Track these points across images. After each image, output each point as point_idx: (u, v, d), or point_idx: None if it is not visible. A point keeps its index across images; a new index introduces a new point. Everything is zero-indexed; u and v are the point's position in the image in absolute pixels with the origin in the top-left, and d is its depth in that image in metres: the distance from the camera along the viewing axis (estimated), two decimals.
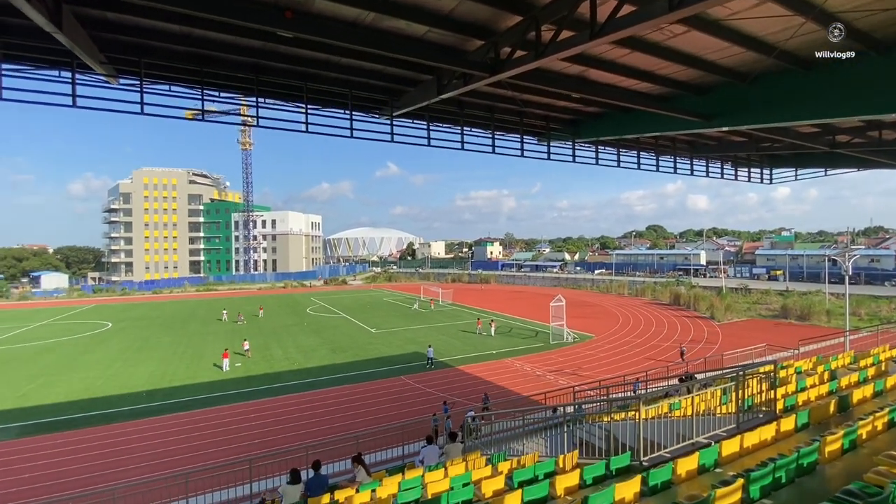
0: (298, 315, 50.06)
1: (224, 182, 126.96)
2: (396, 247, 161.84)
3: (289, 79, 11.89)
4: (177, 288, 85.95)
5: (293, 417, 19.14)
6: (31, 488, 13.40)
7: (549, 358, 28.64)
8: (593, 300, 59.13)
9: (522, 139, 17.32)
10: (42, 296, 76.29)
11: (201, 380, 24.91)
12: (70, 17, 7.66)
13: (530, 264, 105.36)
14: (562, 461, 8.22)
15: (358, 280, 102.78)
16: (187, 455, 15.49)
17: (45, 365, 28.69)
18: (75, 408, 20.57)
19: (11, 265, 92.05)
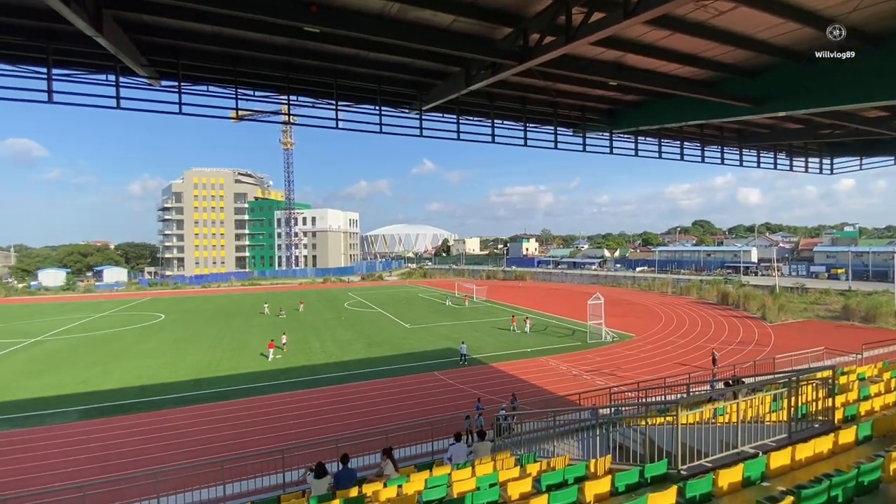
0: (336, 309, 51.28)
1: (267, 181, 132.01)
2: (431, 243, 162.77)
3: (319, 75, 12.01)
4: (224, 282, 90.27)
5: (328, 409, 19.55)
6: (84, 469, 14.36)
7: (585, 357, 27.83)
8: (634, 298, 57.04)
9: (556, 131, 16.77)
10: (104, 289, 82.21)
11: (243, 370, 25.94)
12: (111, 22, 8.02)
13: (568, 261, 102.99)
14: (593, 465, 7.85)
15: (394, 276, 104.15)
16: (227, 442, 16.13)
17: (104, 353, 30.82)
18: (129, 394, 21.93)
19: (78, 260, 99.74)
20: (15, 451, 15.83)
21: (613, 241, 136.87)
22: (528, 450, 11.58)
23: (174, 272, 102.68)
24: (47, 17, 7.93)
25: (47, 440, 16.73)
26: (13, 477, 13.90)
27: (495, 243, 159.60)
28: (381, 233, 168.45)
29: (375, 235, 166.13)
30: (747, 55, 11.02)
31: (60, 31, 9.12)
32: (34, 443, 16.52)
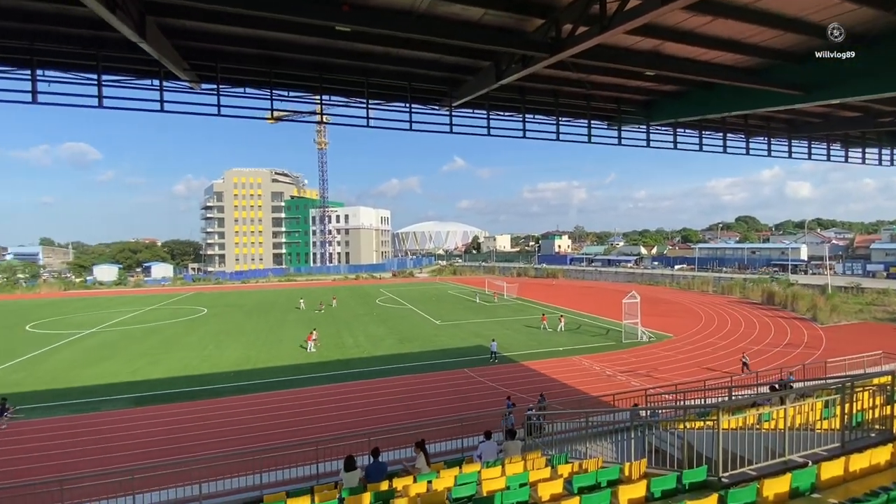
0: (368, 305, 52.14)
1: (303, 180, 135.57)
2: (462, 240, 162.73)
3: (350, 74, 12.17)
4: (262, 278, 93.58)
5: (360, 403, 19.90)
6: (133, 453, 15.23)
7: (620, 357, 27.09)
8: (672, 297, 55.06)
9: (590, 124, 16.33)
10: (152, 283, 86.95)
11: (280, 363, 26.80)
12: (154, 28, 8.40)
13: (602, 258, 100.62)
14: (628, 469, 7.61)
15: (424, 273, 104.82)
16: (264, 432, 16.70)
17: (152, 344, 32.59)
18: (175, 384, 23.09)
19: (128, 256, 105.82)
20: (71, 436, 16.97)
21: (650, 238, 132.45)
22: (560, 450, 11.38)
23: (216, 268, 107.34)
24: (96, 25, 8.40)
25: (100, 425, 17.85)
26: (69, 459, 14.92)
27: (527, 240, 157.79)
28: (411, 230, 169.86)
29: (406, 233, 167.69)
30: (797, 39, 10.34)
31: (108, 39, 9.64)
32: (89, 427, 17.67)
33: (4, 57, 10.70)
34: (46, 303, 60.75)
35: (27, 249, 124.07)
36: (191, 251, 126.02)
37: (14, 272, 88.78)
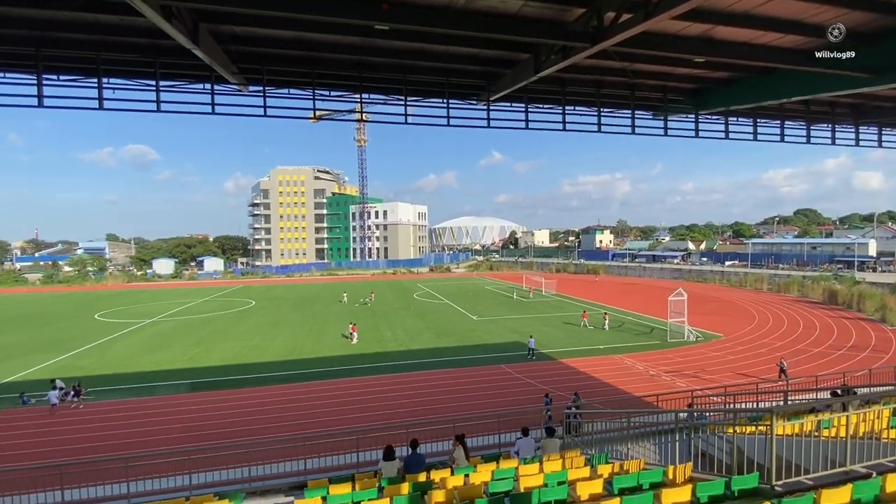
0: (406, 300, 52.91)
1: (343, 177, 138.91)
2: (499, 235, 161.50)
3: (388, 72, 12.34)
4: (305, 272, 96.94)
5: (398, 395, 20.29)
6: (189, 435, 16.27)
7: (665, 357, 26.09)
8: (722, 295, 52.34)
9: (634, 115, 15.74)
10: (204, 277, 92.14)
11: (323, 354, 27.75)
12: (206, 35, 8.86)
13: (646, 254, 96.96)
14: (672, 472, 7.36)
15: (461, 268, 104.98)
16: (308, 420, 17.39)
17: (206, 334, 34.60)
18: (226, 371, 24.44)
19: (183, 251, 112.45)
20: (134, 417, 18.36)
21: (699, 233, 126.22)
22: (600, 450, 11.15)
23: (263, 262, 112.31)
24: (154, 34, 8.97)
25: (159, 408, 19.19)
26: (131, 439, 16.15)
27: (566, 235, 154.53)
28: (448, 225, 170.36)
29: (443, 228, 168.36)
30: (866, 17, 9.51)
31: (165, 47, 10.26)
32: (149, 410, 19.03)
33: (75, 67, 11.65)
34: (112, 294, 65.83)
35: (95, 244, 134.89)
36: (240, 246, 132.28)
37: (84, 265, 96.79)
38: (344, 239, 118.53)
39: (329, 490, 8.47)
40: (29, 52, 11.09)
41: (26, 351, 29.68)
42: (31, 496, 10.39)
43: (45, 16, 9.48)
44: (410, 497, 7.33)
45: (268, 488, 10.84)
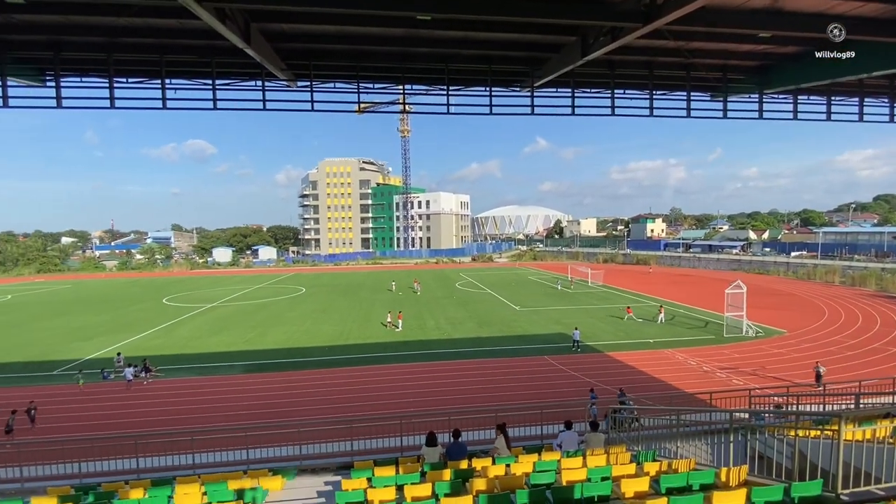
0: (448, 289, 53.31)
1: (387, 168, 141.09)
2: (543, 224, 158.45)
3: (431, 62, 12.31)
4: (351, 261, 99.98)
5: (440, 383, 20.61)
6: (245, 413, 17.38)
7: (720, 353, 24.74)
8: (787, 288, 48.75)
9: (689, 96, 14.82)
10: (259, 265, 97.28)
11: (368, 340, 28.63)
12: (257, 34, 9.22)
13: (701, 244, 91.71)
14: (725, 474, 7.01)
15: (503, 258, 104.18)
16: (354, 403, 18.06)
17: (261, 318, 36.63)
18: (279, 354, 25.81)
19: (239, 240, 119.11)
20: (196, 394, 19.83)
21: (762, 221, 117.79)
22: (647, 447, 10.81)
23: (312, 251, 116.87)
24: (209, 35, 9.45)
25: (219, 387, 20.60)
26: (193, 414, 17.47)
27: (614, 224, 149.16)
28: (491, 214, 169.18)
29: (486, 217, 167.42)
30: None
31: (220, 47, 10.79)
32: (210, 388, 20.49)
33: (141, 70, 12.53)
34: (177, 280, 71.02)
35: (162, 234, 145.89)
36: (291, 235, 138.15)
37: (153, 254, 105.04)
38: (388, 228, 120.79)
39: (374, 472, 8.78)
40: (101, 57, 12.04)
41: (106, 331, 32.75)
42: (111, 462, 11.55)
43: (115, 23, 10.24)
44: (452, 483, 7.46)
45: (317, 466, 11.40)
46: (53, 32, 10.93)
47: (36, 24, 10.71)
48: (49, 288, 63.25)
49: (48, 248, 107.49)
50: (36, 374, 22.86)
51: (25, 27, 10.89)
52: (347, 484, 7.99)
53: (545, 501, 6.61)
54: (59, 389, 20.44)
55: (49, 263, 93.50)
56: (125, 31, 10.46)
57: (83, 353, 26.65)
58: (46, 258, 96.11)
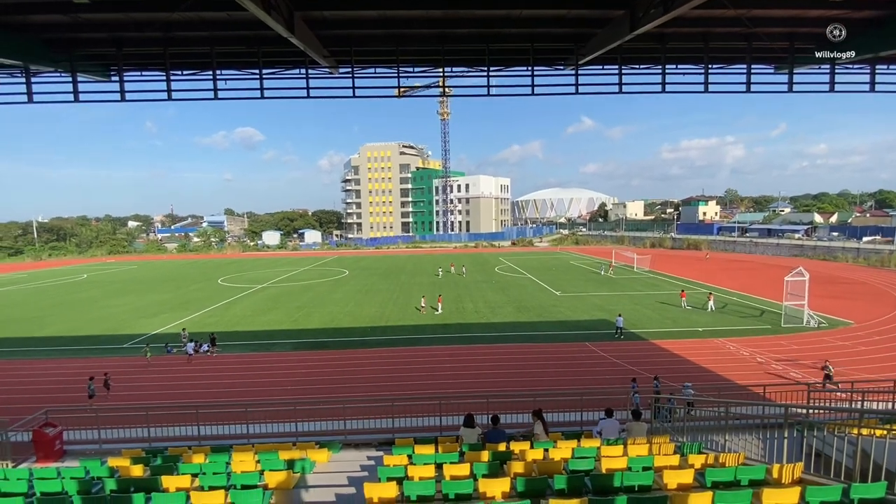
0: (487, 273, 53.23)
1: (426, 151, 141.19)
2: (586, 208, 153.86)
3: (471, 43, 12.08)
4: (392, 244, 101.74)
5: (479, 366, 20.79)
6: (294, 388, 18.34)
7: (777, 344, 23.37)
8: (856, 276, 45.02)
9: (750, 69, 13.73)
10: (305, 248, 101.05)
11: (408, 322, 29.26)
12: (300, 23, 9.39)
13: (759, 228, 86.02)
14: (777, 471, 6.70)
15: (544, 242, 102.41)
16: (395, 383, 18.61)
17: (306, 299, 38.22)
18: (324, 334, 26.91)
19: (286, 224, 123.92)
20: (249, 369, 21.10)
21: (829, 203, 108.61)
22: (692, 438, 10.49)
23: (354, 235, 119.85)
24: (256, 26, 9.73)
25: (270, 363, 21.81)
26: (249, 388, 18.62)
27: (663, 207, 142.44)
28: (531, 198, 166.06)
29: (526, 200, 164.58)
30: None
31: (265, 37, 11.10)
32: (262, 364, 21.73)
33: (194, 62, 13.13)
34: (230, 262, 75.17)
35: (216, 218, 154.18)
36: (334, 219, 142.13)
37: (209, 237, 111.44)
38: (427, 212, 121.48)
39: (414, 449, 9.07)
40: (158, 51, 12.71)
41: (169, 308, 35.35)
42: (175, 429, 12.60)
43: (169, 18, 10.76)
44: (490, 465, 7.57)
45: (360, 441, 11.91)
46: (115, 29, 11.64)
47: (100, 21, 11.44)
48: (118, 268, 68.82)
49: (117, 232, 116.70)
50: (109, 347, 25.13)
51: (91, 25, 11.65)
52: (389, 460, 8.31)
53: (584, 488, 6.60)
54: (129, 361, 22.38)
55: (118, 246, 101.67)
56: (179, 26, 10.98)
57: (149, 328, 28.96)
58: (116, 241, 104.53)
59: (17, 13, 10.79)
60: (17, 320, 32.34)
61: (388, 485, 6.50)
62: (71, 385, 18.35)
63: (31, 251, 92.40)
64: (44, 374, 20.87)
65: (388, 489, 6.44)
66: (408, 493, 6.49)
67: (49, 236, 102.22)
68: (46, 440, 10.83)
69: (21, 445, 10.99)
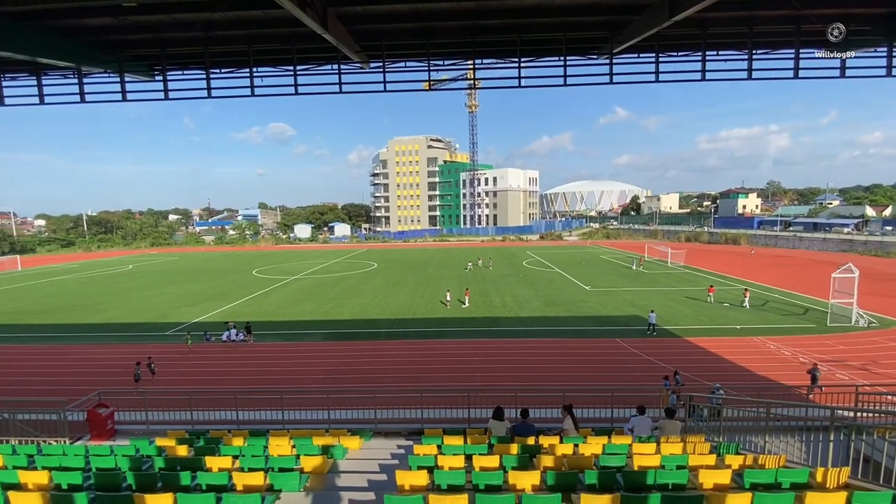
0: (515, 267, 52.86)
1: (454, 145, 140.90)
2: (618, 201, 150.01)
3: (502, 34, 11.95)
4: (419, 238, 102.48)
5: (506, 359, 20.74)
6: (326, 377, 18.84)
7: (822, 343, 22.24)
8: None
9: (798, 54, 13.00)
10: (335, 240, 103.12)
11: (435, 315, 29.47)
12: (333, 19, 9.53)
13: (804, 221, 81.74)
14: (821, 475, 6.44)
15: (573, 236, 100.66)
16: (424, 374, 18.83)
17: (337, 291, 39.07)
18: (354, 325, 27.48)
19: (317, 217, 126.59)
20: (283, 357, 21.82)
21: (883, 195, 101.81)
22: (729, 439, 10.18)
23: (382, 228, 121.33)
24: (290, 23, 9.95)
25: (302, 352, 22.48)
26: (280, 375, 19.27)
27: (699, 200, 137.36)
28: (561, 190, 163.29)
29: (555, 193, 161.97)
30: None
31: (300, 34, 11.34)
32: (295, 353, 22.43)
33: (232, 60, 13.56)
34: (264, 254, 77.60)
35: (251, 212, 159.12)
36: (363, 213, 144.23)
37: (244, 230, 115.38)
38: (455, 206, 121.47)
39: (443, 440, 9.19)
40: (199, 50, 13.19)
41: (207, 298, 36.90)
42: (215, 413, 13.22)
43: (210, 18, 11.14)
44: (519, 458, 7.60)
45: (390, 430, 12.15)
46: (160, 31, 12.16)
47: (146, 24, 11.97)
48: (160, 259, 72.27)
49: (159, 225, 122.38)
50: (153, 334, 26.50)
51: (137, 27, 12.21)
52: (419, 449, 8.46)
53: (615, 484, 6.54)
54: (171, 347, 23.55)
55: (160, 238, 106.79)
56: (218, 25, 11.36)
57: (189, 317, 30.34)
58: (158, 233, 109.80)
59: (72, 17, 11.42)
60: (73, 307, 34.54)
61: (419, 473, 6.63)
62: (119, 369, 19.50)
63: (82, 243, 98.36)
64: (96, 358, 22.26)
65: (419, 477, 6.57)
66: (438, 482, 6.60)
67: (97, 229, 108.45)
68: (100, 420, 11.58)
69: (77, 424, 11.78)
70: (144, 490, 6.40)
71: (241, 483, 6.62)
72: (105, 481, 6.84)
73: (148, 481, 6.77)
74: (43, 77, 14.28)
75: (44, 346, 24.63)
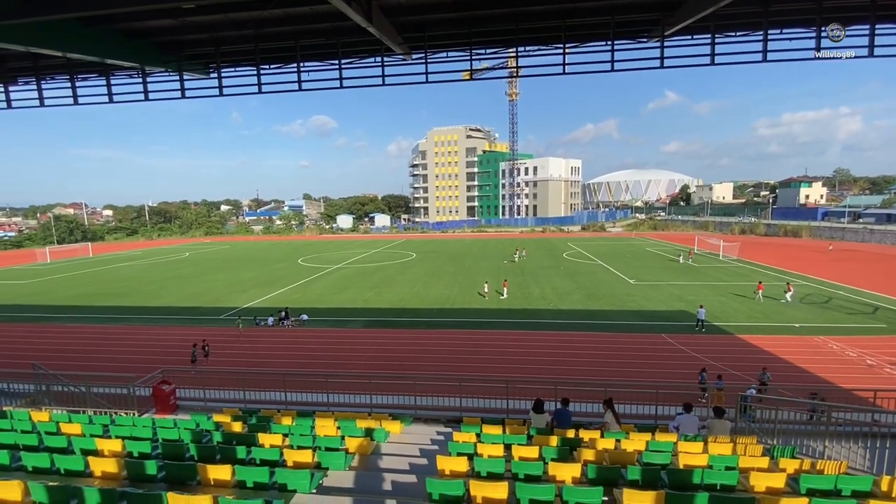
0: (555, 258, 51.95)
1: (493, 134, 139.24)
2: (666, 190, 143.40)
3: (546, 20, 11.66)
4: (458, 228, 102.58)
5: (546, 352, 20.56)
6: (368, 363, 19.42)
7: (893, 345, 20.54)
8: None
9: (873, 29, 11.87)
10: (375, 231, 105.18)
11: (473, 305, 29.57)
12: (377, 12, 9.65)
13: (876, 213, 74.92)
14: (887, 483, 6.03)
15: (617, 227, 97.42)
16: (463, 364, 19.02)
17: (377, 280, 39.98)
18: (393, 313, 28.07)
19: (358, 208, 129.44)
20: (327, 343, 22.65)
21: None
22: (784, 442, 9.67)
23: (421, 219, 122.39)
24: (335, 18, 10.17)
25: (344, 338, 23.25)
26: (324, 360, 20.04)
27: (756, 189, 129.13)
28: (604, 180, 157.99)
29: (598, 183, 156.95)
30: None
31: (344, 28, 11.57)
32: (337, 338, 23.23)
33: (280, 56, 14.04)
34: (308, 243, 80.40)
35: (295, 203, 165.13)
36: (402, 204, 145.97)
37: (289, 220, 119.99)
38: (493, 196, 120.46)
39: (482, 429, 9.30)
40: (250, 48, 13.76)
41: (256, 285, 38.81)
42: (264, 393, 13.98)
43: (261, 16, 11.59)
44: (559, 450, 7.58)
45: (429, 417, 12.41)
46: (215, 30, 12.77)
47: (202, 24, 12.61)
48: (214, 248, 76.53)
49: (212, 215, 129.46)
50: (208, 318, 28.22)
51: (194, 28, 12.89)
52: (458, 436, 8.61)
53: (659, 481, 6.41)
54: (224, 331, 25.01)
55: (213, 227, 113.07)
56: (268, 22, 11.80)
57: (240, 302, 32.06)
58: (211, 223, 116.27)
59: (136, 20, 12.22)
60: (137, 292, 37.36)
61: (459, 459, 6.77)
62: (178, 349, 20.96)
63: (144, 231, 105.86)
64: (157, 338, 24.03)
65: (459, 463, 6.70)
66: (478, 469, 6.71)
67: (157, 219, 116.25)
68: (164, 395, 12.54)
69: (143, 399, 12.83)
70: (205, 461, 6.92)
71: (292, 459, 7.02)
72: (171, 451, 7.45)
73: (208, 453, 7.31)
74: (111, 77, 15.41)
75: (111, 325, 26.83)
